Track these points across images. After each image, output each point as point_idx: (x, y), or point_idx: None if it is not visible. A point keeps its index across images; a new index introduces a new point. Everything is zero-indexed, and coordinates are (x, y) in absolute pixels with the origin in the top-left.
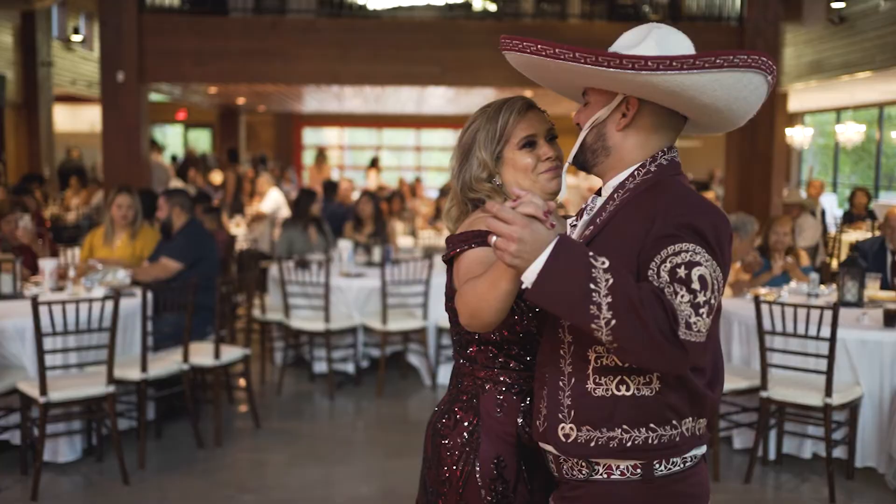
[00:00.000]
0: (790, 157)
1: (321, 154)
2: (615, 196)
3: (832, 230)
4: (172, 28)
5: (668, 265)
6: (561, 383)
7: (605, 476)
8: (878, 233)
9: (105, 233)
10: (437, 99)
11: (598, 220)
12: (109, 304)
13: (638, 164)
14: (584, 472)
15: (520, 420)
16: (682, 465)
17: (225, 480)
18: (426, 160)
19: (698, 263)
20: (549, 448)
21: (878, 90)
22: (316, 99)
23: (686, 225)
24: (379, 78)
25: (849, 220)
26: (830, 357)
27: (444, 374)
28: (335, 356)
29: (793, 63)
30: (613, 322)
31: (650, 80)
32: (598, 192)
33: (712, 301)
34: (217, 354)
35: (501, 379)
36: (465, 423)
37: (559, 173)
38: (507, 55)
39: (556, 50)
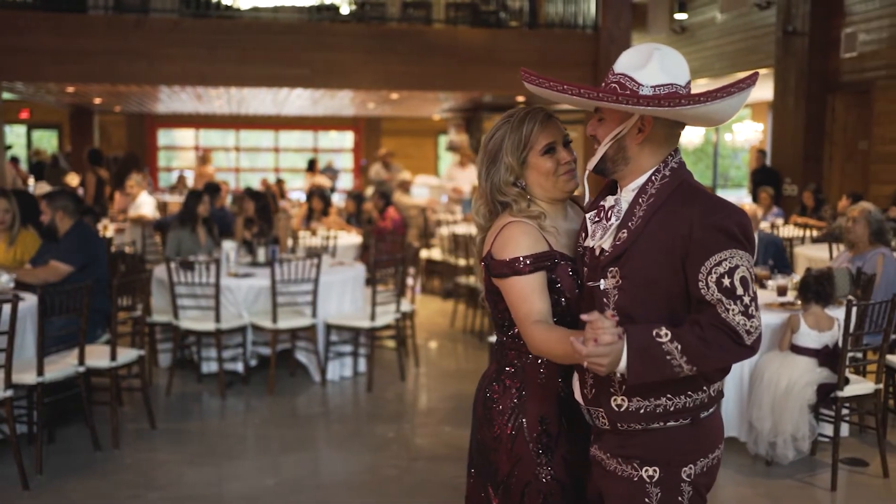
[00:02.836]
0: None
1: (205, 155)
2: (640, 201)
3: None
4: (27, 25)
5: (714, 276)
6: None
7: (661, 424)
8: None
9: None
10: (303, 101)
11: (629, 225)
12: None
13: (653, 170)
14: (641, 425)
15: (560, 381)
16: (714, 407)
17: (127, 481)
18: (283, 161)
19: (736, 266)
20: (601, 411)
21: None
22: (176, 100)
23: (719, 229)
24: (247, 79)
25: None
26: None
27: (333, 370)
28: (223, 356)
29: None
30: (695, 368)
31: (681, 112)
32: (611, 191)
33: (755, 289)
34: (113, 356)
35: None
36: (513, 390)
37: (574, 174)
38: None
39: (609, 95)
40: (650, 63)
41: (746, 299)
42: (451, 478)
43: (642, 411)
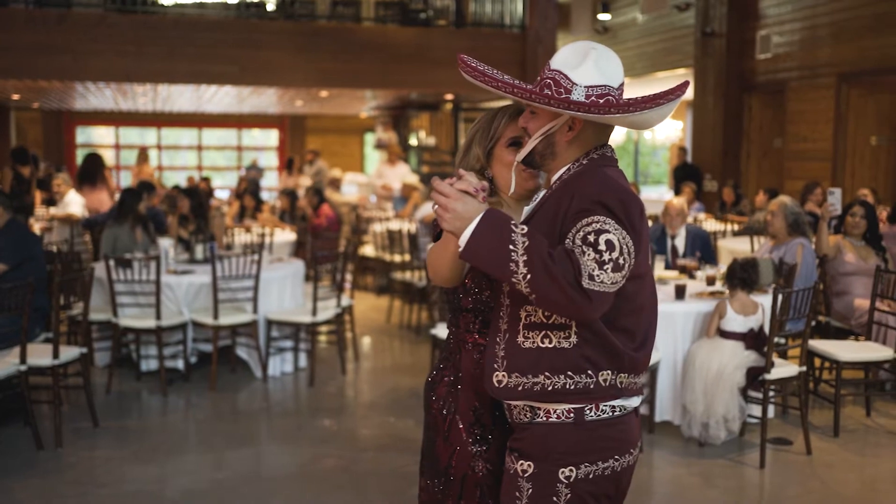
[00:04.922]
0: None
1: (143, 153)
2: (553, 185)
3: None
4: None
5: (582, 233)
6: (497, 338)
7: (545, 419)
8: (651, 222)
9: None
10: (230, 98)
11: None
12: None
13: (574, 161)
14: (528, 416)
15: None
16: (611, 413)
17: (74, 478)
18: (206, 160)
19: (606, 231)
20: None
21: None
22: (99, 96)
23: (597, 202)
24: (175, 76)
25: None
26: None
27: (274, 366)
28: (164, 353)
29: None
30: (529, 276)
31: (610, 118)
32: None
33: (620, 261)
34: (56, 354)
35: (478, 341)
36: (447, 378)
37: (538, 174)
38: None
39: (544, 98)
40: (586, 62)
41: (606, 256)
42: (398, 467)
43: (520, 388)
